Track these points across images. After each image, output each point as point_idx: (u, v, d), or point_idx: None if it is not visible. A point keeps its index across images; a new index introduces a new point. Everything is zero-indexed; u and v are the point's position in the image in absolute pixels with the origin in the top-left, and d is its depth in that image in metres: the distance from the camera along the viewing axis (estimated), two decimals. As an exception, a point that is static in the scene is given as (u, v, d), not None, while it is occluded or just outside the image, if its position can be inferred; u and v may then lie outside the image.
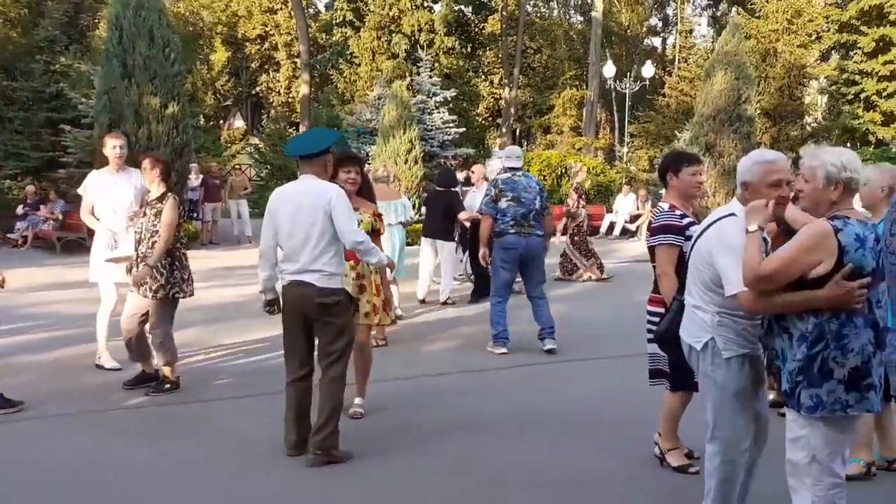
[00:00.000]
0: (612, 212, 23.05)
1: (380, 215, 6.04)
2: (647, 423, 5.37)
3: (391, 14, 39.29)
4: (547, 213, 8.46)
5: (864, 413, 3.39)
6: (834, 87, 35.82)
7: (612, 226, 22.74)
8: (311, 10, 48.49)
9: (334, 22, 43.22)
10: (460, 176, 15.95)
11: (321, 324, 5.01)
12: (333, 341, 5.02)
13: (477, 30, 44.35)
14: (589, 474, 4.91)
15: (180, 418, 5.97)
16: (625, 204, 22.78)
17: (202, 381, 6.88)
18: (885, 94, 34.20)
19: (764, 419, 3.81)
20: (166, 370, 6.48)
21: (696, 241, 3.83)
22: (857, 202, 5.51)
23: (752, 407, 3.72)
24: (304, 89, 35.70)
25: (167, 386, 6.45)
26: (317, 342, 5.12)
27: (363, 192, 5.93)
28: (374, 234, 5.82)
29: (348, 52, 40.04)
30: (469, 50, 43.84)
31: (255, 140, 40.07)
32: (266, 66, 52.09)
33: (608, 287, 12.96)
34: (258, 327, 8.96)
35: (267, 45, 50.96)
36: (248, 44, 50.96)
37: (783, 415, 3.60)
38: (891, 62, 34.15)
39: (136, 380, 6.59)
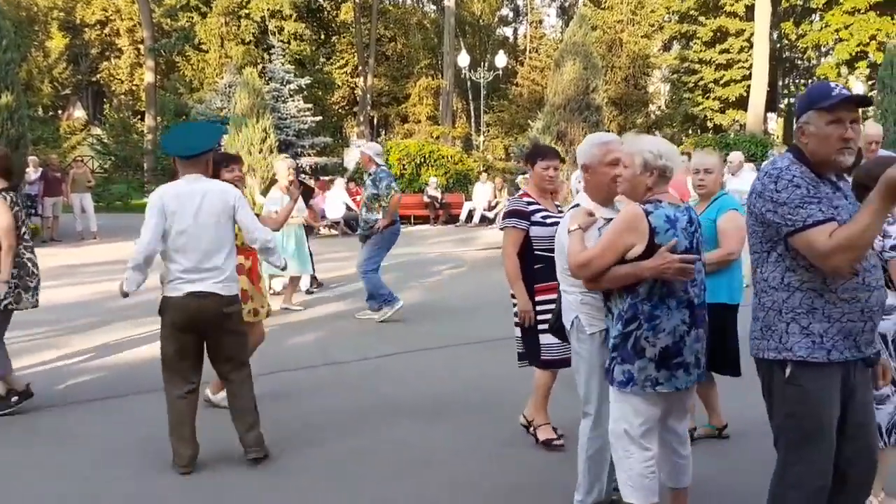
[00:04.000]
0: (470, 200, 23.37)
1: None
2: (509, 404, 5.47)
3: (239, -1, 38.19)
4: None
5: (674, 390, 3.49)
6: (675, 76, 37.70)
7: (471, 213, 23.05)
8: (155, -6, 46.51)
9: (179, 6, 41.57)
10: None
11: (223, 333, 4.75)
12: (238, 347, 4.87)
13: (330, 17, 43.82)
14: (452, 454, 4.94)
15: (26, 426, 5.55)
16: (482, 192, 23.14)
17: (48, 385, 6.44)
18: (721, 82, 36.38)
19: None
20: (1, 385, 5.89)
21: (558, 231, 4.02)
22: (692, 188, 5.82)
23: None
24: (148, 76, 34.21)
25: (14, 399, 5.82)
26: (213, 351, 4.85)
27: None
28: None
29: (195, 38, 38.62)
30: (322, 37, 43.28)
31: (97, 130, 38.16)
32: (107, 53, 49.69)
33: (464, 273, 13.10)
34: (106, 328, 8.54)
35: (108, 30, 48.61)
36: (87, 29, 48.43)
37: None
38: (727, 51, 36.39)
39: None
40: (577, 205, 3.87)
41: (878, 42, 31.05)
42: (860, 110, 3.01)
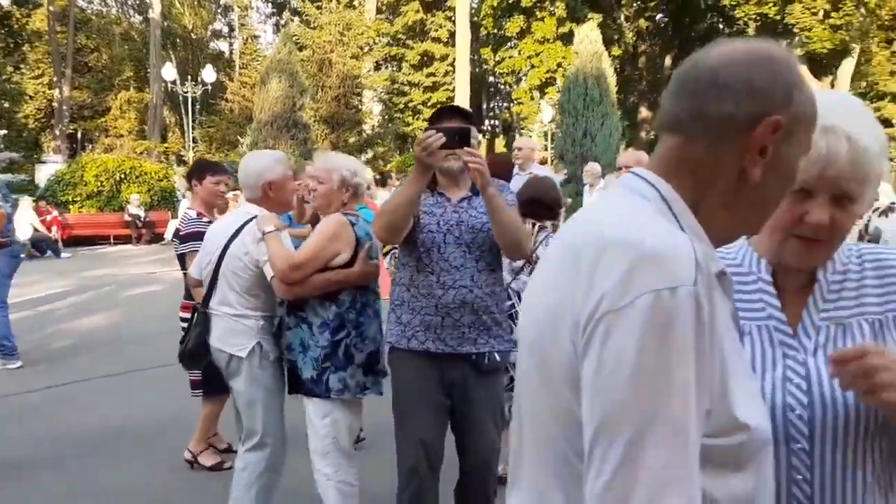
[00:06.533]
0: (176, 218, 22.56)
1: None
2: (183, 432, 5.36)
3: None
4: None
5: (378, 395, 3.62)
6: (387, 97, 38.93)
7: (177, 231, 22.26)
8: None
9: None
10: None
11: None
12: None
13: (20, 24, 40.33)
14: (121, 489, 4.75)
15: None
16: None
17: None
18: (429, 103, 38.13)
19: None
20: None
21: (225, 248, 3.75)
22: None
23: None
24: None
25: None
26: None
27: None
28: None
29: None
30: (12, 45, 39.72)
31: None
32: None
33: (159, 295, 12.67)
34: None
35: None
36: None
37: None
38: (433, 74, 38.20)
39: None
40: (256, 216, 3.70)
41: (564, 69, 34.17)
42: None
